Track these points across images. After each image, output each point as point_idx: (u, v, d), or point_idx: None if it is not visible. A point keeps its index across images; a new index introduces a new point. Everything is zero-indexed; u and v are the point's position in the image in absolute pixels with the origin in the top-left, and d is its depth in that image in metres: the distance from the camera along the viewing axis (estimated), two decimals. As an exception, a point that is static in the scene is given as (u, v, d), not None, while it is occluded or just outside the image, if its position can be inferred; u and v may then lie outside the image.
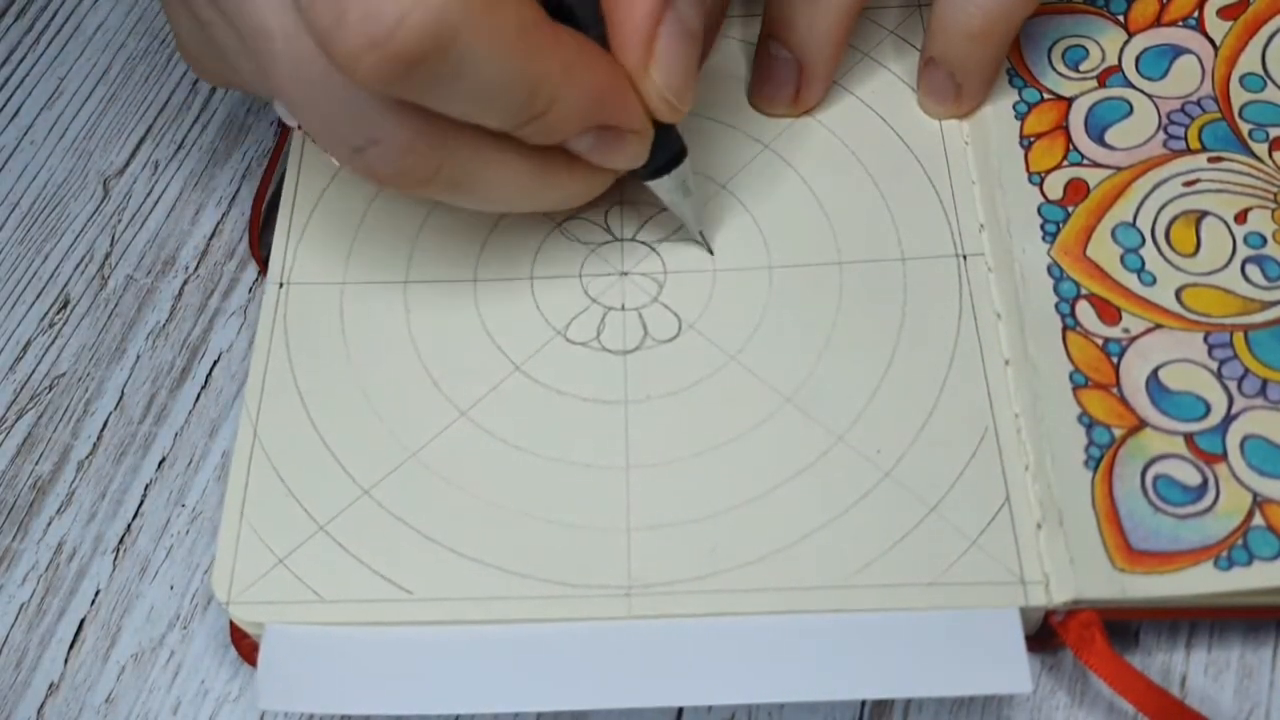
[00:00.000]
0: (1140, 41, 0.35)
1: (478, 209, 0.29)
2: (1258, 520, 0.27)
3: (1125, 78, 0.34)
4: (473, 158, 0.27)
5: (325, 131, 0.26)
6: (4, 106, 0.41)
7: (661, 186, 0.30)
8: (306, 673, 0.27)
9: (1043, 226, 0.32)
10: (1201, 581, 0.26)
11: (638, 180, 0.30)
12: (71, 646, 0.31)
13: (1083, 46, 0.35)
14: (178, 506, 0.32)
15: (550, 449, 0.29)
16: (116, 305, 0.36)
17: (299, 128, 0.30)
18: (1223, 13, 0.35)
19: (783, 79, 0.34)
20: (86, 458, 0.33)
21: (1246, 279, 0.30)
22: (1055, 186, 0.32)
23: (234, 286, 0.36)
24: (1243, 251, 0.31)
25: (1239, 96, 0.33)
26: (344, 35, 0.23)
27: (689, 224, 0.32)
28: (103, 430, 0.34)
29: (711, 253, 0.32)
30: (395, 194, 0.29)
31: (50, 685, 0.30)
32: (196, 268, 0.37)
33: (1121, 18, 0.35)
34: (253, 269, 0.36)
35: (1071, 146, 0.33)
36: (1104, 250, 0.31)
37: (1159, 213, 0.31)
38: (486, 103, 0.25)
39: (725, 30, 0.37)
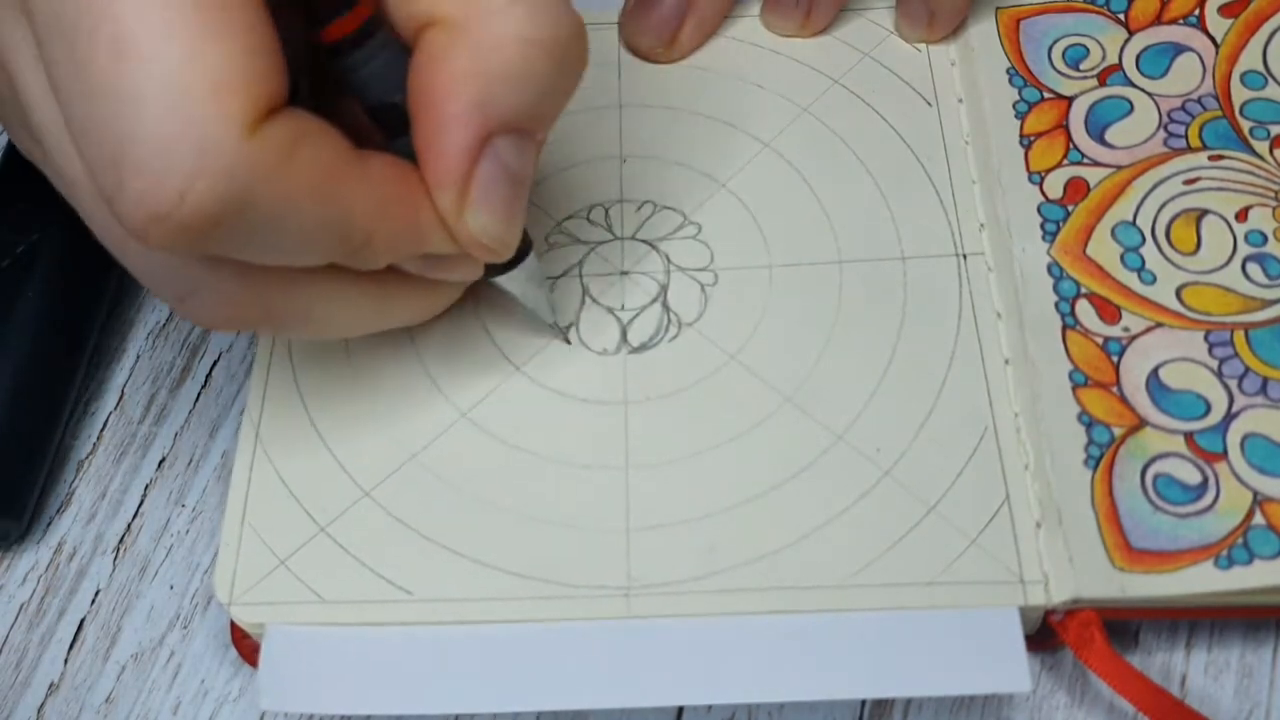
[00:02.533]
0: (1141, 40, 0.35)
1: (324, 338, 0.28)
2: (1258, 519, 0.27)
3: (1126, 76, 0.34)
4: (300, 296, 0.25)
5: (147, 281, 0.25)
6: (4, 106, 0.41)
7: (510, 283, 0.29)
8: (307, 673, 0.27)
9: (1042, 226, 0.32)
10: (1202, 580, 0.26)
11: (484, 278, 0.29)
12: (71, 646, 0.31)
13: (1083, 45, 0.35)
14: (178, 506, 0.32)
15: (550, 449, 0.29)
16: (117, 305, 0.36)
17: None
18: (1224, 10, 0.35)
19: None
20: (86, 458, 0.33)
21: (1247, 277, 0.30)
22: (1055, 185, 0.32)
23: (234, 286, 0.36)
24: (1243, 250, 0.31)
25: (1240, 94, 0.33)
26: (125, 206, 0.21)
27: (543, 316, 0.30)
28: (103, 430, 0.34)
29: (569, 343, 0.31)
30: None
31: (50, 685, 0.30)
32: (196, 267, 0.37)
33: (1122, 16, 0.35)
34: (252, 268, 0.36)
35: (1072, 145, 0.33)
36: (1104, 249, 0.31)
37: (1159, 211, 0.31)
38: (296, 250, 0.23)
39: (725, 30, 0.37)
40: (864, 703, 0.29)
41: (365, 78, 0.24)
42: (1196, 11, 0.35)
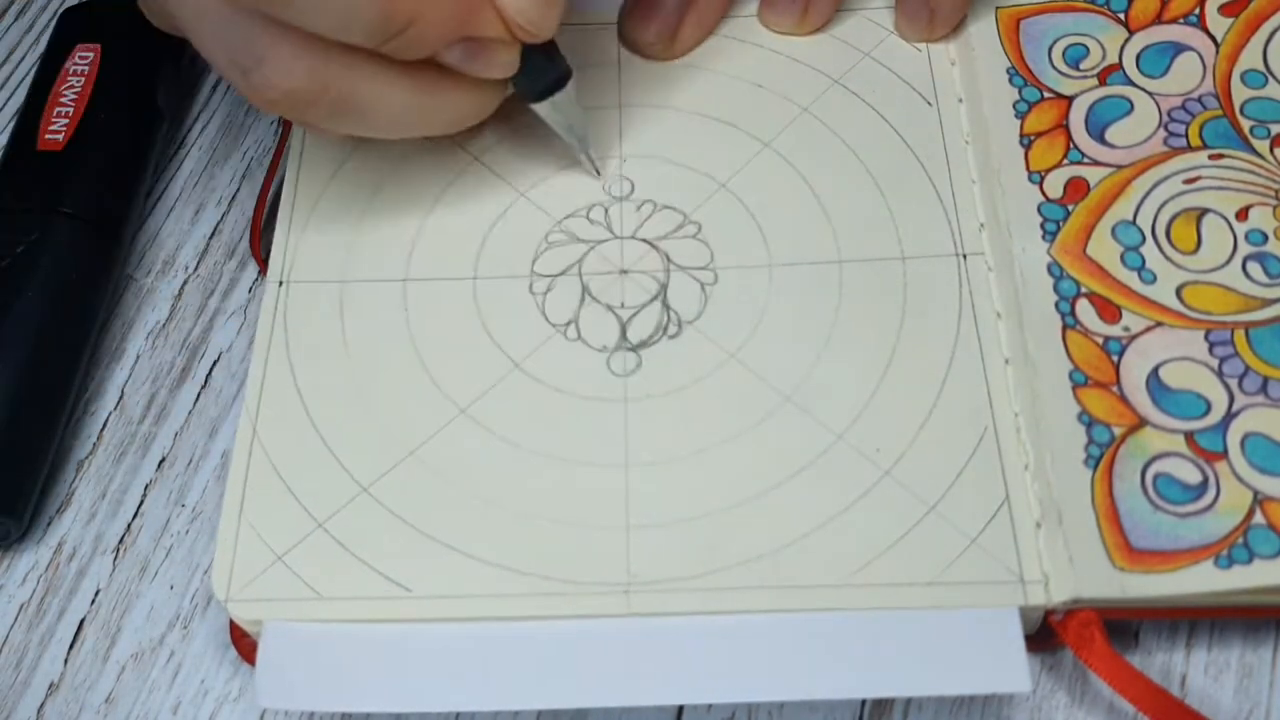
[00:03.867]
0: (1141, 39, 0.35)
1: (372, 134, 0.30)
2: (1258, 518, 0.27)
3: (1126, 75, 0.34)
4: (353, 76, 0.28)
5: (216, 53, 0.28)
6: (4, 106, 0.41)
7: (545, 110, 0.31)
8: (305, 670, 0.27)
9: (1043, 225, 0.32)
10: (1202, 580, 0.26)
11: (525, 104, 0.31)
12: (71, 646, 0.31)
13: (1083, 45, 0.35)
14: (178, 506, 0.32)
15: (549, 446, 0.29)
16: (117, 305, 0.36)
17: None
18: (1224, 9, 0.35)
19: None
20: (86, 458, 0.33)
21: (1247, 276, 0.30)
22: (1055, 185, 0.32)
23: (234, 286, 0.36)
24: (1244, 249, 0.31)
25: (1240, 93, 0.33)
26: None
27: (575, 148, 0.33)
28: (103, 430, 0.34)
29: (599, 174, 0.33)
30: (300, 125, 0.31)
31: (50, 685, 0.30)
32: (196, 267, 0.37)
33: (1122, 15, 0.35)
34: (253, 268, 0.36)
35: (1072, 145, 0.33)
36: (1104, 248, 0.31)
37: (1159, 210, 0.31)
38: (343, 19, 0.26)
39: (725, 30, 0.37)
40: (864, 703, 0.29)
41: None
42: (1197, 11, 0.35)
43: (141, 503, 0.33)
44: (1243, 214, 0.31)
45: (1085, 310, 0.30)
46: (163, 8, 0.30)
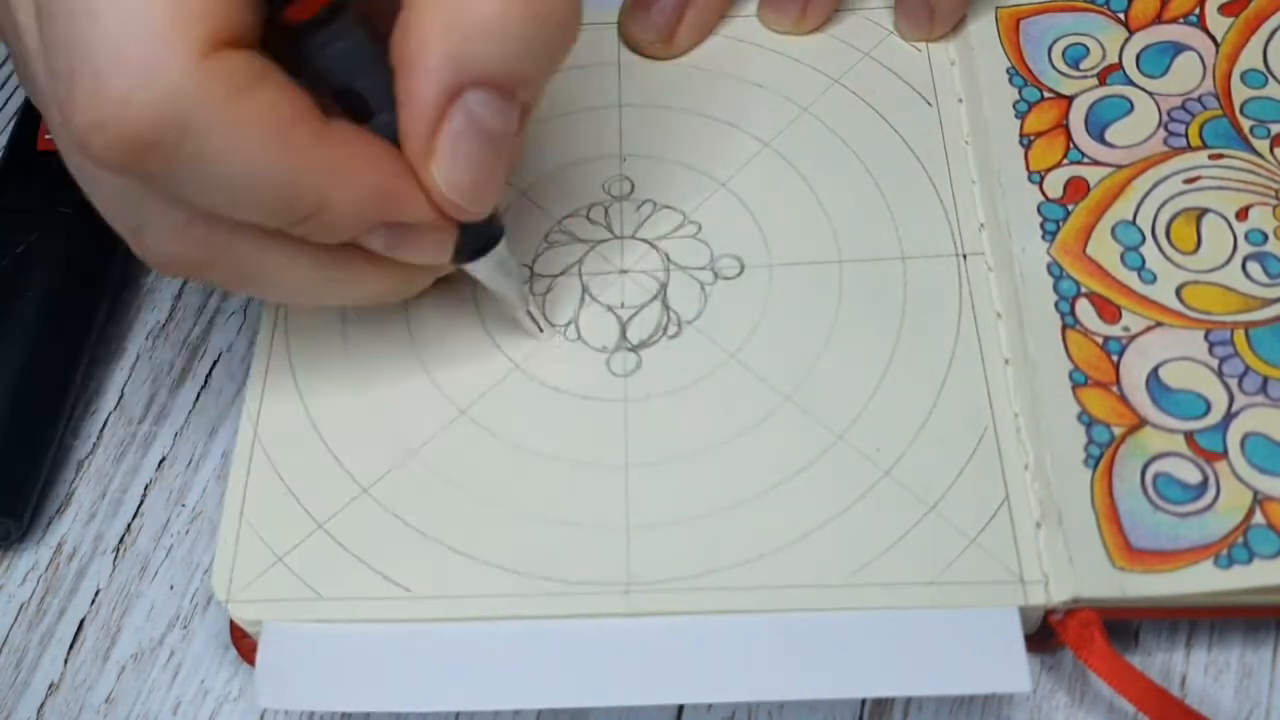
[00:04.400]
0: (1141, 39, 0.35)
1: (281, 302, 0.28)
2: (1258, 518, 0.27)
3: (1126, 75, 0.34)
4: (251, 251, 0.25)
5: (101, 207, 0.25)
6: (4, 106, 0.41)
7: (478, 270, 0.28)
8: (305, 670, 0.27)
9: (1042, 225, 0.31)
10: (1202, 580, 0.26)
11: (454, 264, 0.28)
12: (71, 646, 0.31)
13: (1083, 44, 0.35)
14: (178, 506, 0.32)
15: (549, 447, 0.29)
16: (117, 305, 0.36)
17: None
18: (1224, 9, 0.35)
19: None
20: (86, 458, 0.33)
21: (1247, 276, 0.30)
22: (1055, 185, 0.32)
23: (234, 286, 0.36)
24: (1244, 249, 0.31)
25: (1240, 93, 0.33)
26: (72, 111, 0.21)
27: (513, 305, 0.30)
28: (103, 430, 0.34)
29: (541, 330, 0.31)
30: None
31: (50, 685, 0.30)
32: (196, 267, 0.37)
33: (1122, 15, 0.35)
34: (253, 268, 0.36)
35: (1072, 145, 0.33)
36: (1104, 248, 0.31)
37: (1159, 210, 0.31)
38: (241, 200, 0.23)
39: (725, 30, 0.37)
40: (864, 703, 0.29)
41: (330, 60, 0.24)
42: (1197, 10, 0.35)
43: (141, 503, 0.33)
44: (1243, 214, 0.31)
45: (1085, 310, 0.30)
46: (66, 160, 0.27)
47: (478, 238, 0.27)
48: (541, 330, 0.31)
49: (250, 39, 0.22)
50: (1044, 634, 0.28)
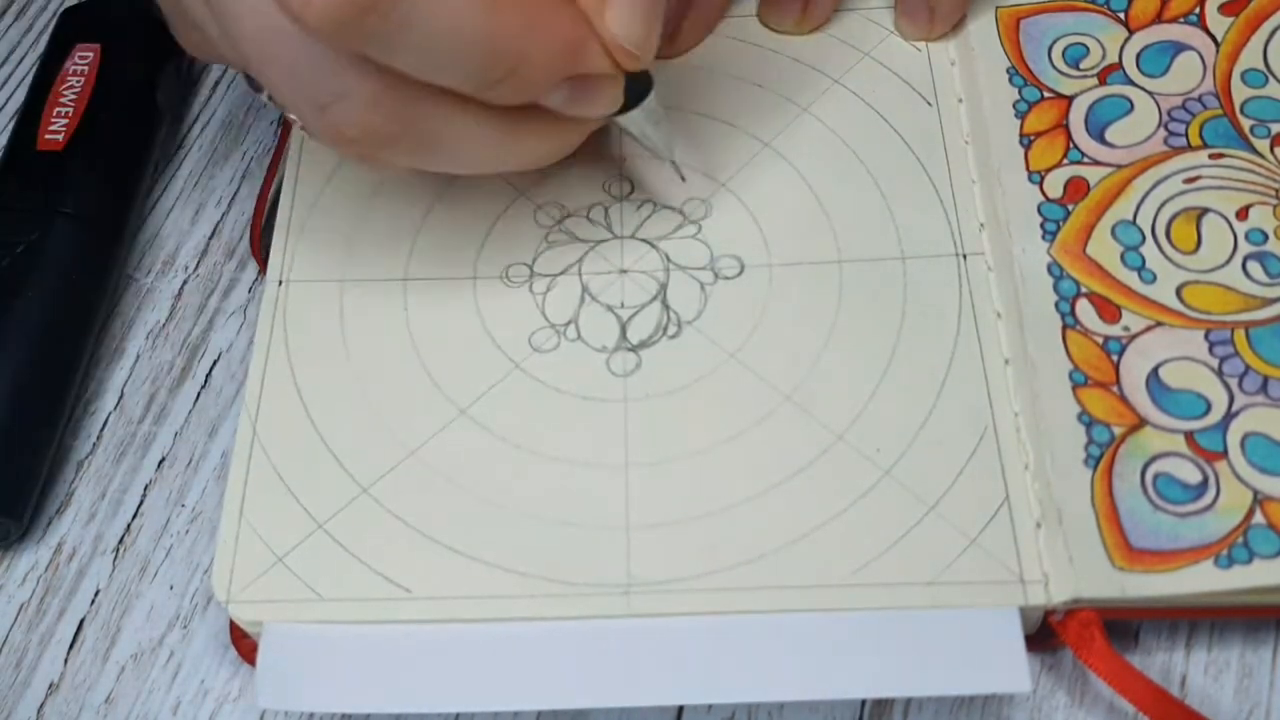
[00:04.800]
0: (1141, 39, 0.35)
1: (447, 170, 0.29)
2: (1258, 518, 0.27)
3: (1126, 75, 0.34)
4: (440, 116, 0.26)
5: (290, 89, 0.25)
6: (4, 106, 0.41)
7: (631, 121, 0.30)
8: (305, 671, 0.27)
9: (1042, 225, 0.31)
10: (1202, 580, 0.26)
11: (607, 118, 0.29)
12: (71, 646, 0.31)
13: (1083, 44, 0.35)
14: (178, 506, 0.32)
15: (549, 447, 0.29)
16: (117, 305, 0.36)
17: (271, 101, 0.29)
18: (1224, 9, 0.35)
19: None
20: (86, 458, 0.33)
21: (1248, 276, 0.30)
22: (1055, 185, 0.32)
23: (234, 286, 0.36)
24: (1244, 248, 0.31)
25: (1240, 92, 0.33)
26: None
27: (660, 152, 0.31)
28: (103, 430, 0.34)
29: (684, 179, 0.32)
30: (365, 162, 0.28)
31: (50, 685, 0.30)
32: (196, 267, 0.37)
33: (1122, 15, 0.35)
34: (253, 268, 0.36)
35: (1072, 145, 0.33)
36: (1104, 248, 0.31)
37: (1159, 210, 0.31)
38: (446, 62, 0.24)
39: (725, 30, 0.37)
40: (864, 703, 0.29)
41: None
42: (1197, 10, 0.35)
43: (141, 503, 0.33)
44: (1243, 213, 0.31)
45: (1085, 310, 0.30)
46: (210, 35, 0.28)
47: (634, 87, 0.29)
48: (684, 180, 0.32)
49: None
50: (1044, 634, 0.28)
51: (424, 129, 0.26)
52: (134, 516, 0.32)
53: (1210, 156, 0.32)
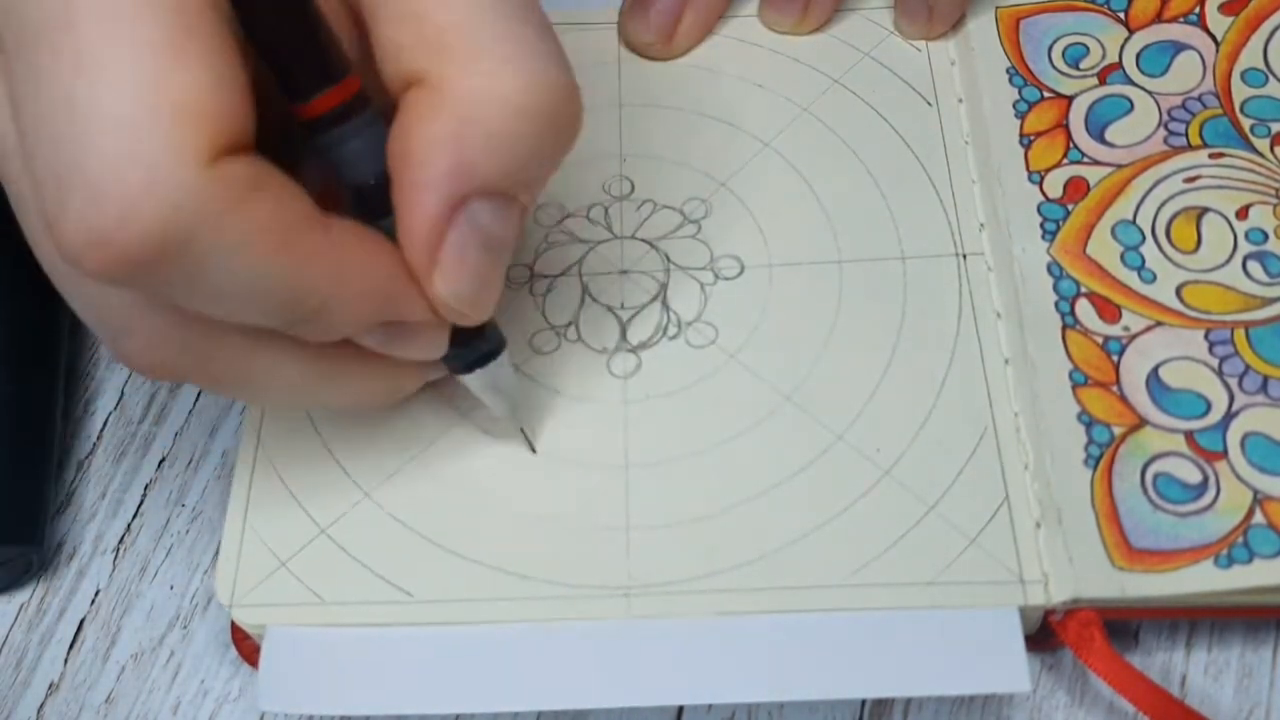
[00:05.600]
0: (1141, 38, 0.35)
1: (260, 405, 0.27)
2: (1258, 518, 0.27)
3: (1126, 75, 0.34)
4: (240, 356, 0.24)
5: (82, 313, 0.24)
6: None
7: (474, 382, 0.27)
8: (308, 674, 0.27)
9: (1042, 225, 0.31)
10: (1201, 580, 0.26)
11: (450, 374, 0.28)
12: (71, 646, 0.31)
13: (1083, 44, 0.35)
14: (178, 506, 0.32)
15: (550, 449, 0.29)
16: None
17: None
18: (1224, 8, 0.35)
19: None
20: (86, 457, 0.33)
21: (1248, 275, 0.30)
22: (1055, 185, 0.32)
23: (234, 286, 0.36)
24: (1244, 248, 0.31)
25: (1240, 92, 0.33)
26: (65, 227, 0.20)
27: (506, 421, 0.29)
28: (103, 430, 0.34)
29: (535, 451, 0.29)
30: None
31: (50, 685, 0.30)
32: (196, 267, 0.37)
33: (1122, 15, 0.35)
34: (252, 268, 0.36)
35: (1072, 144, 0.33)
36: (1104, 248, 0.31)
37: (1159, 210, 0.31)
38: (241, 305, 0.22)
39: (724, 30, 0.37)
40: (864, 703, 0.29)
41: (348, 155, 0.23)
42: (1197, 9, 0.35)
43: (141, 503, 0.33)
44: (1243, 213, 0.31)
45: (1085, 310, 0.30)
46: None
47: (477, 348, 0.27)
48: (535, 452, 0.29)
49: (251, 140, 0.21)
50: (1044, 634, 0.28)
51: (222, 366, 0.24)
52: (134, 516, 0.32)
53: (1210, 156, 0.32)
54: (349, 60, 0.23)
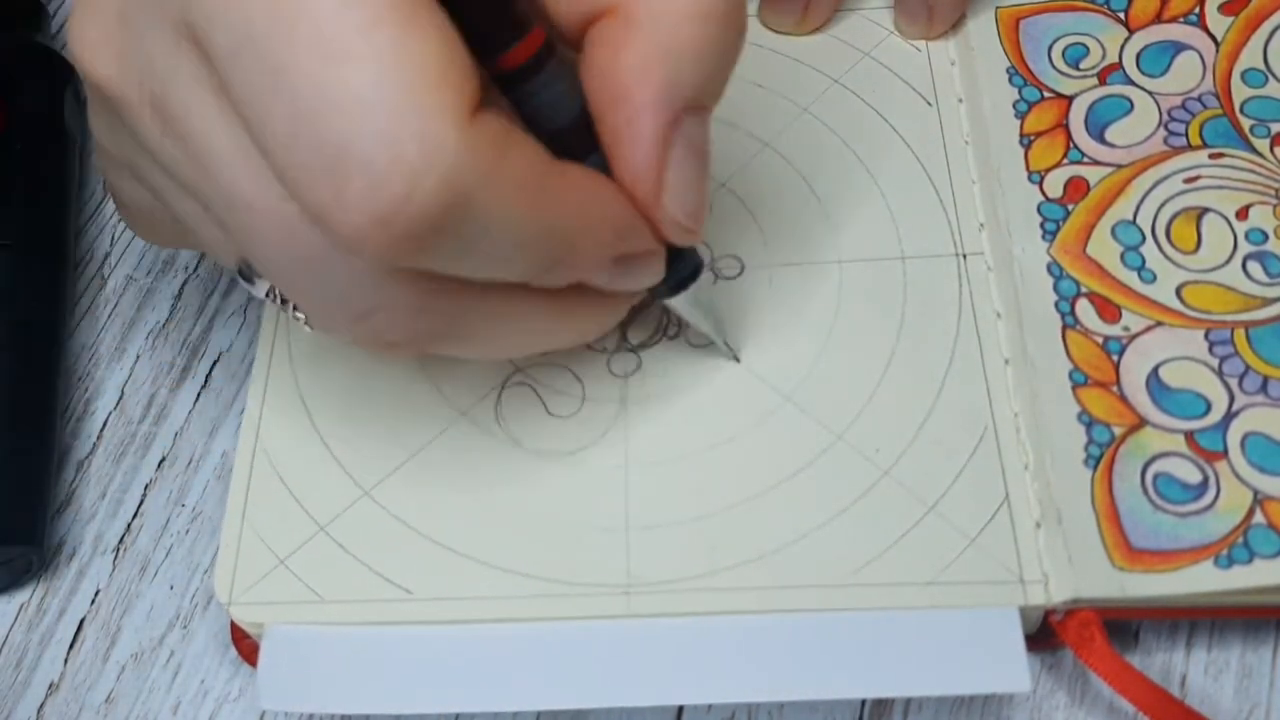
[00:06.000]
0: (1141, 38, 0.35)
1: (494, 357, 0.27)
2: (1258, 518, 0.27)
3: (1126, 75, 0.34)
4: (488, 310, 0.24)
5: (320, 303, 0.23)
6: (4, 107, 0.41)
7: (680, 303, 0.28)
8: (307, 673, 0.27)
9: (1042, 225, 0.31)
10: (1202, 580, 0.26)
11: (658, 299, 0.28)
12: (71, 646, 0.31)
13: (1083, 44, 0.35)
14: (178, 506, 0.32)
15: (550, 448, 0.29)
16: (116, 305, 0.36)
17: (269, 297, 0.27)
18: (1224, 8, 0.35)
19: None
20: (86, 458, 0.33)
21: (1248, 275, 0.30)
22: (1055, 185, 0.32)
23: (234, 286, 0.36)
24: (1244, 248, 0.31)
25: (1240, 92, 0.33)
26: (345, 214, 0.20)
27: (711, 335, 0.30)
28: (103, 430, 0.34)
29: (738, 361, 0.30)
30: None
31: (50, 685, 0.30)
32: (196, 267, 0.37)
33: (1122, 15, 0.35)
34: (253, 269, 0.36)
35: (1072, 144, 0.33)
36: (1104, 248, 0.31)
37: (1159, 210, 0.31)
38: (506, 260, 0.22)
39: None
40: (864, 703, 0.29)
41: (541, 105, 0.23)
42: (1197, 10, 0.35)
43: (141, 503, 0.33)
44: (1243, 213, 0.31)
45: (1085, 310, 0.30)
46: (194, 230, 0.25)
47: (680, 270, 0.28)
48: (739, 361, 0.31)
49: (485, 95, 0.21)
50: (1044, 634, 0.28)
51: (472, 324, 0.24)
52: (134, 516, 0.32)
53: (1210, 156, 0.32)
54: (532, 12, 0.23)
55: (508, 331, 0.25)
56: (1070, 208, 0.32)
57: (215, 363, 0.35)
